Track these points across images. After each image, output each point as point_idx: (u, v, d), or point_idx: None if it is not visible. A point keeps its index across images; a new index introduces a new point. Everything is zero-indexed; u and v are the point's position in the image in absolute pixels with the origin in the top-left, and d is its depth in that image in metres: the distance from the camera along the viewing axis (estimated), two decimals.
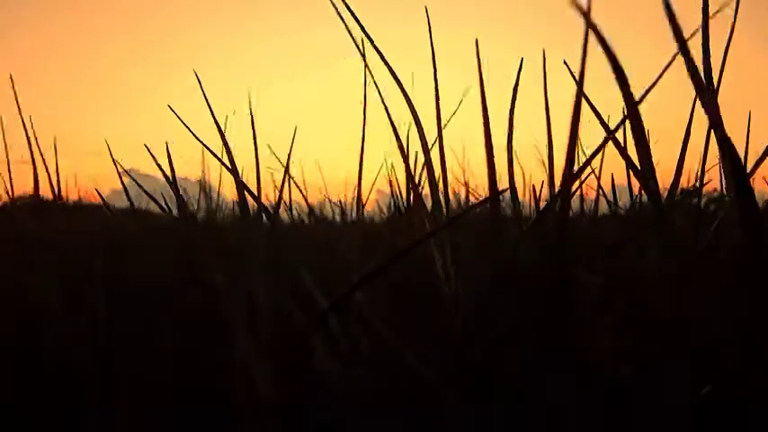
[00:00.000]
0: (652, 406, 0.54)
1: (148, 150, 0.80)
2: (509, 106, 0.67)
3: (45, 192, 0.91)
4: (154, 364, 0.67)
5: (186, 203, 0.75)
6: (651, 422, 0.54)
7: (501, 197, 0.83)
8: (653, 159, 0.55)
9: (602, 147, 0.54)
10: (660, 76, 0.51)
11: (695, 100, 0.62)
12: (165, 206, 0.81)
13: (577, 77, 0.39)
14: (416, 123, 0.65)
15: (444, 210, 0.66)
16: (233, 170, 0.71)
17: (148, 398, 0.64)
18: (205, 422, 0.65)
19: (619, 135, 0.69)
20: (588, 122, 0.61)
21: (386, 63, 0.62)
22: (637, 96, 0.50)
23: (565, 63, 0.52)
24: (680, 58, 0.49)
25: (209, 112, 0.70)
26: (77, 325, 0.69)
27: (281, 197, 0.74)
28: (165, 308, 0.72)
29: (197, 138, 0.70)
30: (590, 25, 0.39)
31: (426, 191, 0.69)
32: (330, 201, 1.25)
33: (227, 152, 0.69)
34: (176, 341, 0.69)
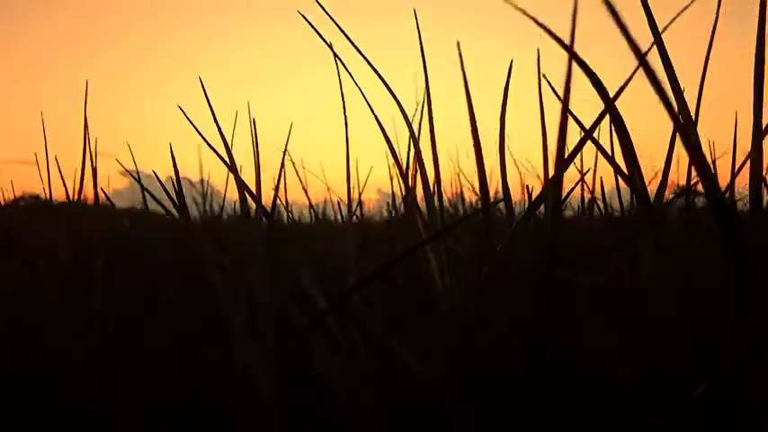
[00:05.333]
0: (651, 406, 0.55)
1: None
2: (505, 109, 0.67)
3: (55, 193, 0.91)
4: (153, 365, 0.68)
5: (186, 204, 0.75)
6: (650, 423, 0.55)
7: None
8: (639, 161, 0.56)
9: (581, 145, 0.55)
10: (631, 77, 0.51)
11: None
12: (167, 207, 0.82)
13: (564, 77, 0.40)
14: (407, 124, 0.66)
15: (439, 211, 0.67)
16: (232, 168, 0.72)
17: (148, 398, 0.65)
18: (205, 423, 0.65)
19: (606, 141, 0.70)
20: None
21: (372, 66, 0.63)
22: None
23: (544, 77, 0.53)
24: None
25: (212, 116, 0.71)
26: (77, 324, 0.70)
27: (276, 194, 0.75)
28: (164, 307, 0.73)
29: (203, 137, 0.71)
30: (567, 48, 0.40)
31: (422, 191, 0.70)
32: (330, 200, 1.26)
33: (227, 151, 0.70)
34: (176, 340, 0.70)
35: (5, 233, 0.97)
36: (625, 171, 0.56)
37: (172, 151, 0.76)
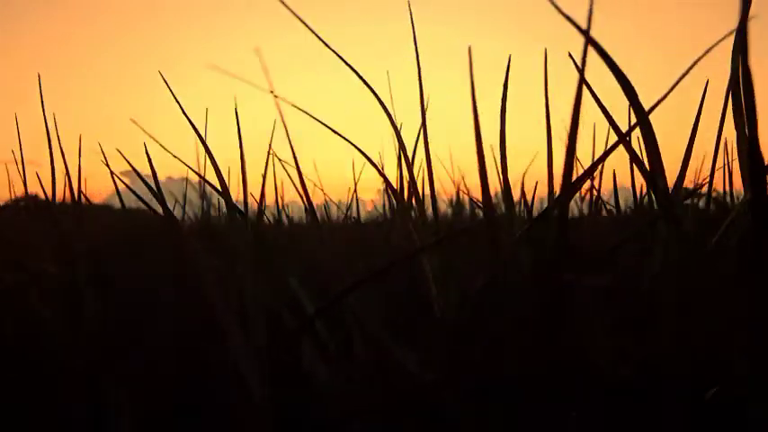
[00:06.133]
0: (652, 406, 0.54)
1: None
2: (505, 106, 0.66)
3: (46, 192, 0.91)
4: (147, 365, 0.68)
5: (167, 205, 0.74)
6: (651, 423, 0.54)
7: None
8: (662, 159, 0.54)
9: (611, 150, 0.54)
10: (674, 87, 0.50)
11: (702, 98, 0.61)
12: (157, 207, 0.81)
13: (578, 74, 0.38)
14: (395, 130, 0.65)
15: (431, 212, 0.66)
16: (217, 170, 0.71)
17: (143, 398, 0.65)
18: (200, 422, 0.65)
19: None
20: (588, 114, 0.60)
21: (359, 76, 0.62)
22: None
23: (570, 55, 0.51)
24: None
25: (185, 117, 0.70)
26: (73, 326, 0.70)
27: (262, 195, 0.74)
28: (157, 309, 0.72)
29: (162, 146, 0.70)
30: (589, 39, 0.39)
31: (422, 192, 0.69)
32: (328, 202, 1.24)
33: (207, 153, 0.69)
34: (170, 341, 0.70)
35: (5, 233, 0.97)
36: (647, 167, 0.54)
37: (147, 151, 0.76)
